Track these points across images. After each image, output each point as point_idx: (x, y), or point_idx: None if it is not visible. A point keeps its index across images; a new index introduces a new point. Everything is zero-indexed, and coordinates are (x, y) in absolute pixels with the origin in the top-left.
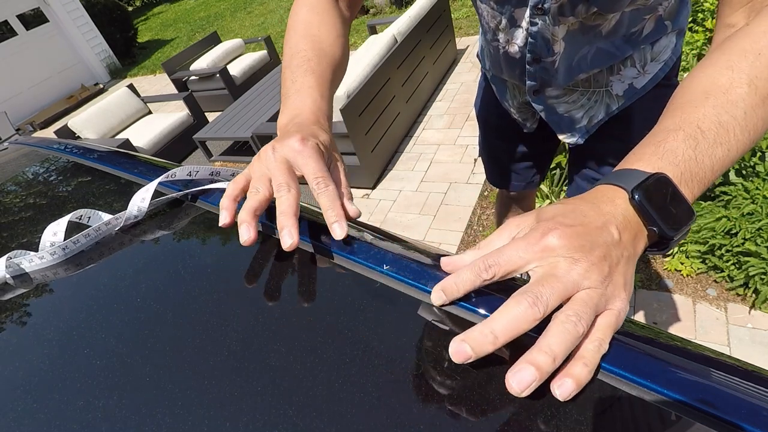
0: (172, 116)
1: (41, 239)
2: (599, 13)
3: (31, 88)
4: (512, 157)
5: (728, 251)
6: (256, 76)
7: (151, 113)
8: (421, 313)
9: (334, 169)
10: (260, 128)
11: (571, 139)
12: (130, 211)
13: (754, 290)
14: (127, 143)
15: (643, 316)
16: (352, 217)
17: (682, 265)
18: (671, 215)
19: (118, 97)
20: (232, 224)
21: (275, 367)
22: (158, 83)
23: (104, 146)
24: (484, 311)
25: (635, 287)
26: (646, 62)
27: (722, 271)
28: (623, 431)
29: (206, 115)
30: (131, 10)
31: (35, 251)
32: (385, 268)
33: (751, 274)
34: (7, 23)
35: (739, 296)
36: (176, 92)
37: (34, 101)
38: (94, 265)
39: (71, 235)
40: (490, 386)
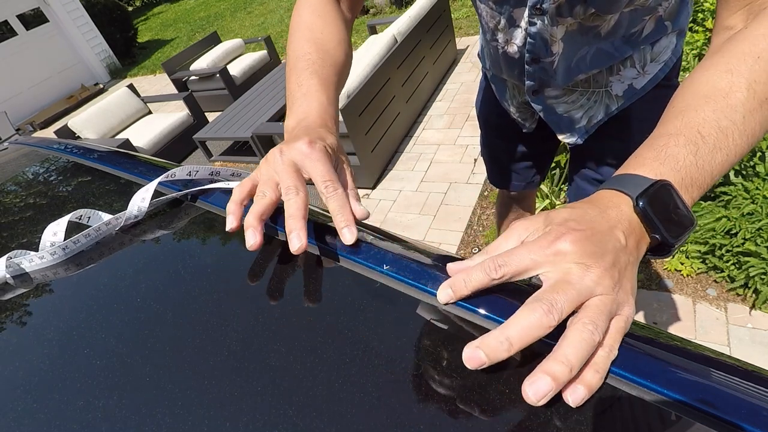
0: (172, 116)
1: (41, 239)
2: (597, 14)
3: (31, 88)
4: (512, 156)
5: (728, 251)
6: (256, 76)
7: (151, 113)
8: (420, 312)
9: (341, 171)
10: (260, 128)
11: (570, 139)
12: (130, 211)
13: (754, 290)
14: (127, 143)
15: (643, 316)
16: (359, 218)
17: (682, 265)
18: (673, 222)
19: (118, 97)
20: (238, 229)
21: (275, 367)
22: (158, 83)
23: (104, 146)
24: (484, 311)
25: None
26: (645, 63)
27: (722, 271)
28: (623, 431)
29: (206, 115)
30: (131, 10)
31: (35, 251)
32: (385, 268)
33: (751, 274)
34: (7, 23)
35: (739, 296)
36: (176, 92)
37: (34, 101)
38: (94, 265)
39: (71, 235)
40: (490, 386)
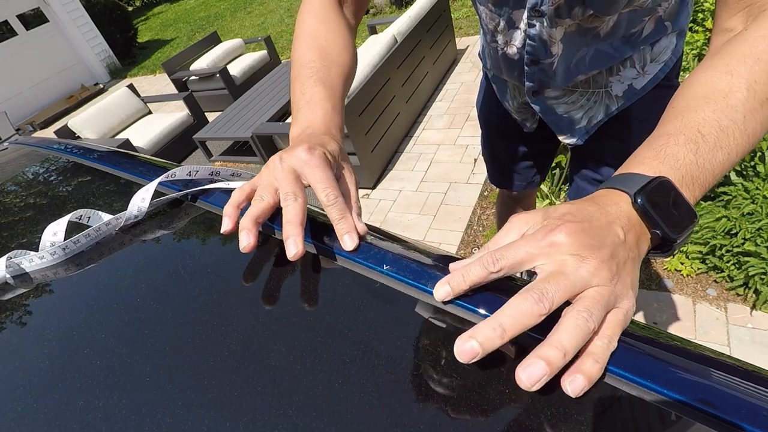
0: (172, 116)
1: (41, 239)
2: (596, 15)
3: (31, 88)
4: (513, 156)
5: (728, 251)
6: (256, 76)
7: (151, 113)
8: (420, 312)
9: (342, 178)
10: (260, 128)
11: (570, 139)
12: (130, 211)
13: (754, 290)
14: (127, 143)
15: (643, 316)
16: (359, 233)
17: (682, 265)
18: (673, 218)
19: (118, 97)
20: (233, 231)
21: (275, 367)
22: (158, 83)
23: (104, 146)
24: (484, 311)
25: None
26: (645, 63)
27: (722, 271)
28: (623, 431)
29: (206, 115)
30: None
31: (35, 251)
32: (385, 268)
33: (751, 274)
34: (7, 23)
35: (739, 296)
36: (176, 92)
37: (34, 101)
38: (94, 265)
39: (71, 235)
40: (490, 386)
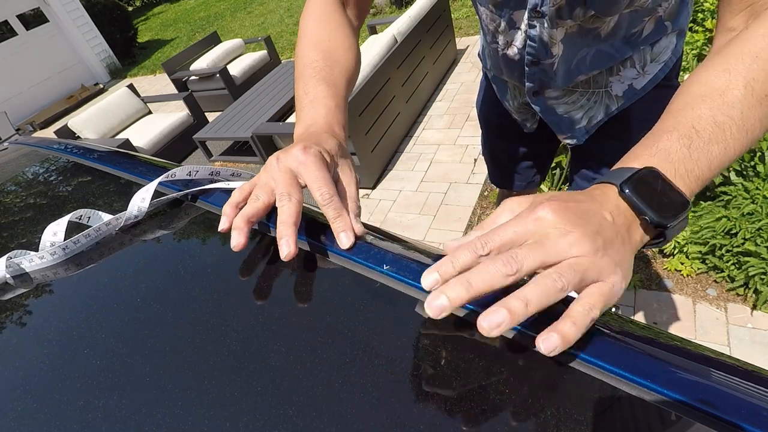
0: (172, 116)
1: (41, 239)
2: (597, 16)
3: (31, 88)
4: (513, 156)
5: (728, 251)
6: (256, 76)
7: (151, 113)
8: (418, 310)
9: (342, 176)
10: (260, 128)
11: (570, 140)
12: (130, 211)
13: (754, 290)
14: (127, 143)
15: (643, 316)
16: (357, 234)
17: (682, 265)
18: (662, 204)
19: (118, 97)
20: (229, 230)
21: (275, 367)
22: (158, 83)
23: (104, 146)
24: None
25: (635, 287)
26: (645, 63)
27: (722, 271)
28: (623, 431)
29: (206, 115)
30: (131, 10)
31: (35, 251)
32: (385, 268)
33: (751, 274)
34: (7, 23)
35: (739, 296)
36: (176, 92)
37: (34, 101)
38: (94, 265)
39: (71, 235)
40: (490, 386)
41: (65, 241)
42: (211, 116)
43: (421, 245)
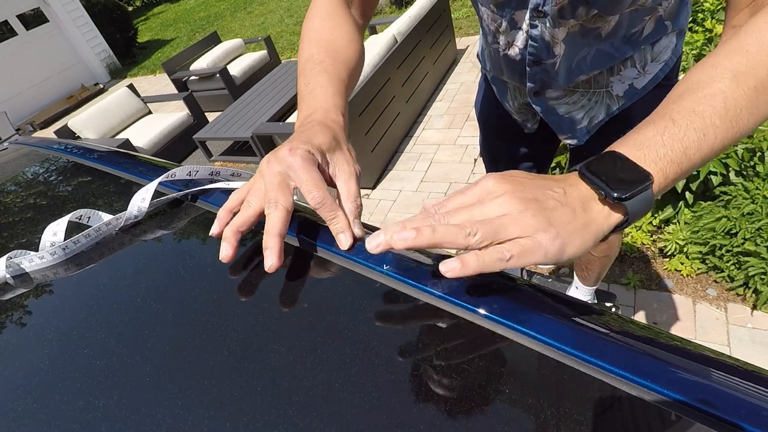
0: (172, 116)
1: (41, 239)
2: (599, 15)
3: (31, 88)
4: (513, 157)
5: (728, 251)
6: (256, 76)
7: (151, 113)
8: (419, 311)
9: (337, 174)
10: (260, 128)
11: (571, 140)
12: (130, 211)
13: (754, 290)
14: (127, 143)
15: (643, 316)
16: (356, 236)
17: (682, 265)
18: (621, 180)
19: (118, 97)
20: (220, 236)
21: (275, 367)
22: (158, 83)
23: (104, 146)
24: (484, 311)
25: (635, 287)
26: (646, 63)
27: (722, 271)
28: (623, 431)
29: (206, 115)
30: (131, 10)
31: (35, 251)
32: (385, 268)
33: (750, 274)
34: (7, 23)
35: (739, 296)
36: (176, 92)
37: (34, 101)
38: (94, 265)
39: (71, 235)
40: (490, 386)
41: (65, 241)
42: (211, 116)
43: None
